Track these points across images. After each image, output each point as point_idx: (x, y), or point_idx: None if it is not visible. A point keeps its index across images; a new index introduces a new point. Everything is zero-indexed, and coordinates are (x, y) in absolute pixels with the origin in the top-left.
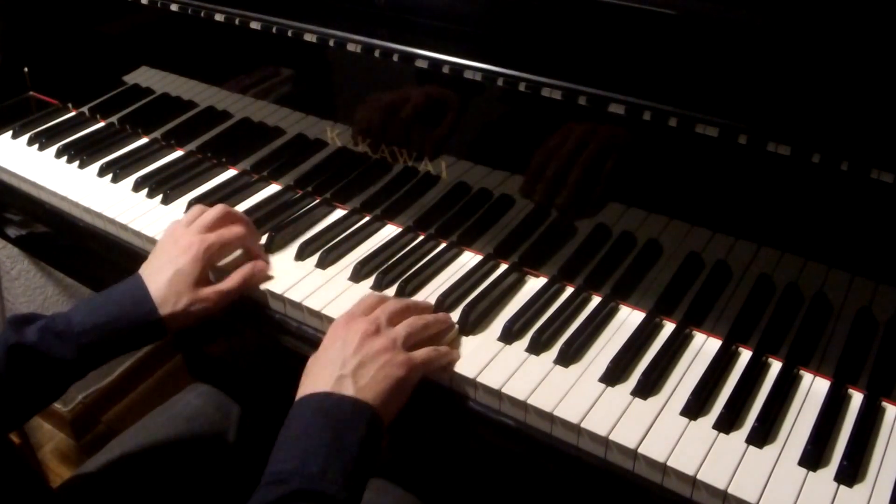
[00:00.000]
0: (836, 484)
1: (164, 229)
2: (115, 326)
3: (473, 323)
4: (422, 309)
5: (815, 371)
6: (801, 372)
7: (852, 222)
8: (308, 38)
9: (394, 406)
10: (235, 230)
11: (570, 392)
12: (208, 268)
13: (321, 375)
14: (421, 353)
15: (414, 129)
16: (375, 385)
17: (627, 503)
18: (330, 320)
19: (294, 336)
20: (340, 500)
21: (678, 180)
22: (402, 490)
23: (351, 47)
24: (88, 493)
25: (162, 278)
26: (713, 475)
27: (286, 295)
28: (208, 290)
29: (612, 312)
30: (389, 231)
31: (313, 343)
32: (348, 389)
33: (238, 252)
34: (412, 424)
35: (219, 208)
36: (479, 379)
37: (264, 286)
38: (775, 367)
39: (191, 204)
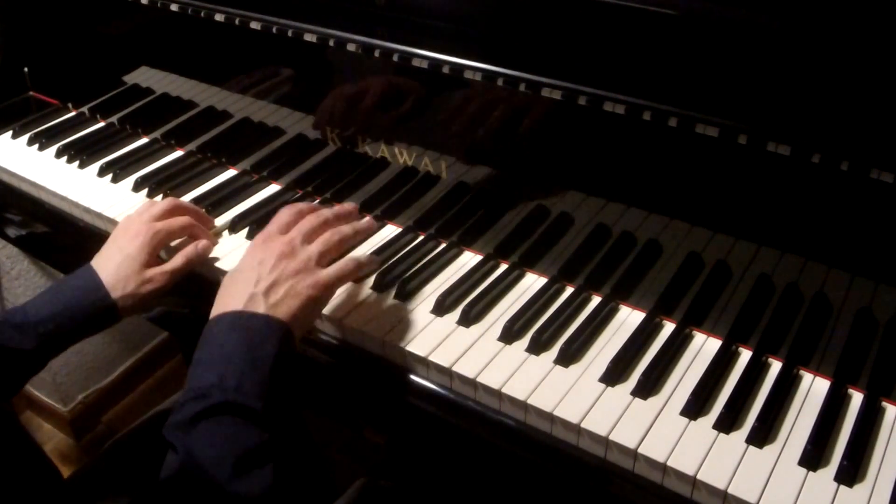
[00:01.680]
0: (836, 484)
1: None
2: (70, 314)
3: (473, 323)
4: (340, 219)
5: (815, 371)
6: (801, 372)
7: (852, 222)
8: (308, 38)
9: (305, 323)
10: (182, 219)
11: (570, 392)
12: (156, 252)
13: (235, 293)
14: (333, 269)
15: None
16: (287, 303)
17: (627, 503)
18: (329, 320)
19: None
20: (257, 411)
21: (678, 180)
22: (401, 490)
23: (351, 47)
24: (88, 493)
25: (112, 265)
26: (713, 475)
27: None
28: (155, 271)
29: (612, 312)
30: (389, 231)
31: (313, 343)
32: (260, 307)
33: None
34: (411, 424)
35: (168, 201)
36: (478, 379)
37: None
38: (775, 367)
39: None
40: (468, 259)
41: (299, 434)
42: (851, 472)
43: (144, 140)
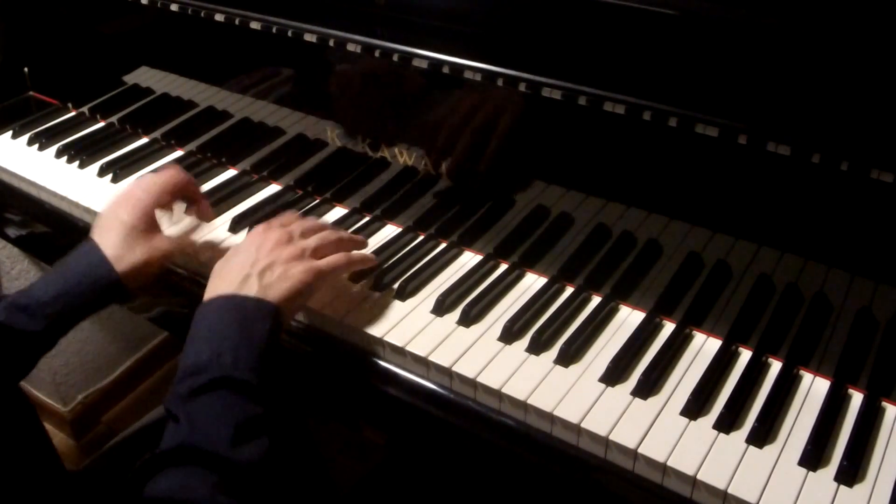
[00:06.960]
0: (836, 484)
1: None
2: (76, 292)
3: (473, 323)
4: (344, 240)
5: (815, 371)
6: (801, 372)
7: (852, 222)
8: (308, 38)
9: (294, 307)
10: (179, 177)
11: (570, 392)
12: (154, 213)
13: (230, 274)
14: (326, 260)
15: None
16: (279, 285)
17: (627, 503)
18: (329, 319)
19: (291, 335)
20: (253, 386)
21: (678, 180)
22: (401, 490)
23: (351, 47)
24: (88, 492)
25: (114, 236)
26: (713, 475)
27: None
28: (161, 237)
29: (612, 312)
30: (389, 231)
31: (312, 342)
32: (252, 288)
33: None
34: (411, 424)
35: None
36: (479, 379)
37: None
38: (775, 367)
39: None
40: (468, 259)
41: (300, 435)
42: (851, 472)
43: (144, 140)
